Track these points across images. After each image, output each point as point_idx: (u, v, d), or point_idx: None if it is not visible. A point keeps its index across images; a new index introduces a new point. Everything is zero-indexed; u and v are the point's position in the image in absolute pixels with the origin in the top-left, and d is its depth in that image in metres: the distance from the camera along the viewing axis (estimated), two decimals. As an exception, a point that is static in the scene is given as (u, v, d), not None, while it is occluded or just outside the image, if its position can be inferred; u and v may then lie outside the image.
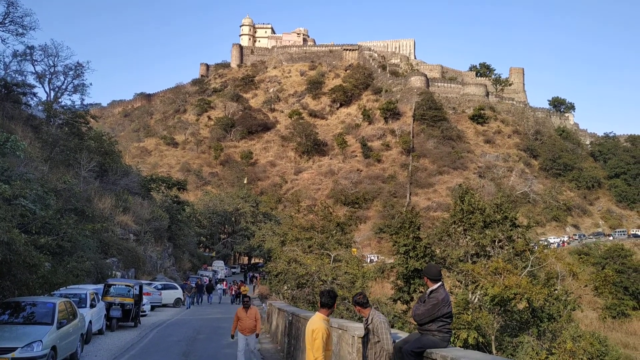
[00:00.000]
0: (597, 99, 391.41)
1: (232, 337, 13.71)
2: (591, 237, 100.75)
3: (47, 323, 12.29)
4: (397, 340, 6.67)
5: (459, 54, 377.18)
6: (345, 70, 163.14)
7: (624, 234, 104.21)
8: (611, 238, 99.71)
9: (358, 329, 8.02)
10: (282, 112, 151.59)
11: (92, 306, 18.01)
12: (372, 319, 6.81)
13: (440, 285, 6.65)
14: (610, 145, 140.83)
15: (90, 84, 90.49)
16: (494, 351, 18.08)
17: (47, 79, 45.41)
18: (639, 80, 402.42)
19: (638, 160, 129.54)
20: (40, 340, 11.56)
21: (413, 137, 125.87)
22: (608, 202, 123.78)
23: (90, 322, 16.97)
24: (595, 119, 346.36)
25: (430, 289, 6.70)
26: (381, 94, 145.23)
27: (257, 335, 13.74)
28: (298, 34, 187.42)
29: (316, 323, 6.65)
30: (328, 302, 6.85)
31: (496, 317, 17.52)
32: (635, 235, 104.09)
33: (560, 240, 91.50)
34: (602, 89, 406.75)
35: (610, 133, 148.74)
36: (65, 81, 46.02)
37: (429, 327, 6.45)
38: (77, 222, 25.96)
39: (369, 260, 68.30)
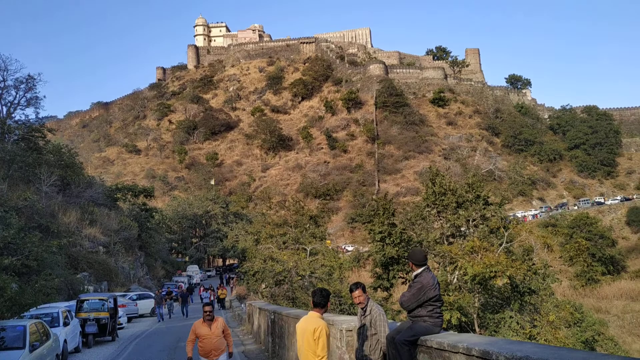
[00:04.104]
0: (552, 73, 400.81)
1: None
2: (557, 208, 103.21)
3: (18, 347, 11.71)
4: (389, 331, 6.47)
5: (415, 39, 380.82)
6: (304, 64, 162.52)
7: (587, 203, 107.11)
8: (576, 208, 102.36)
9: (346, 322, 7.80)
10: (244, 110, 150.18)
11: (65, 324, 17.35)
12: (370, 311, 6.60)
13: (425, 269, 6.47)
14: (567, 117, 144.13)
15: (44, 97, 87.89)
16: (477, 329, 18.19)
17: (-3, 95, 43.67)
18: (592, 52, 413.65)
19: (595, 130, 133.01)
20: (14, 366, 11.01)
21: (376, 124, 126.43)
22: (570, 173, 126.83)
23: (65, 341, 16.33)
24: (551, 93, 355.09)
25: (414, 273, 6.54)
26: (342, 85, 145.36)
27: (230, 355, 9.83)
28: (253, 30, 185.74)
29: (316, 321, 6.31)
30: (321, 301, 6.45)
31: (477, 295, 17.61)
32: (599, 203, 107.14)
33: (524, 214, 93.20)
34: (557, 63, 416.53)
35: (566, 106, 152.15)
36: (17, 95, 44.32)
37: (419, 312, 6.27)
38: (42, 239, 25.12)
39: (345, 251, 68.39)
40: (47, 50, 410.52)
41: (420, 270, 6.43)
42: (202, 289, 49.32)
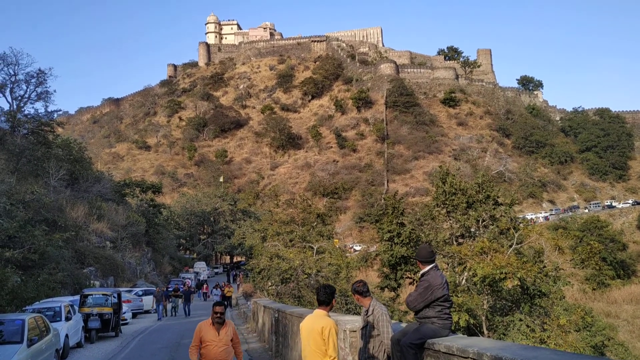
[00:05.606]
0: (564, 75, 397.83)
1: None
2: (567, 211, 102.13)
3: (16, 342, 11.50)
4: (394, 332, 6.12)
5: (427, 38, 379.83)
6: (315, 62, 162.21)
7: (598, 206, 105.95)
8: (587, 211, 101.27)
9: (350, 322, 7.48)
10: (254, 108, 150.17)
11: (67, 319, 17.16)
12: (372, 310, 6.22)
13: (433, 267, 6.09)
14: (579, 119, 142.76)
15: (55, 91, 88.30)
16: (485, 332, 17.81)
17: (8, 89, 43.61)
18: (605, 54, 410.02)
19: (607, 133, 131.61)
20: (11, 360, 10.79)
21: (386, 124, 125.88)
22: (581, 175, 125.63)
23: (67, 335, 16.15)
24: (563, 95, 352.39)
25: (422, 272, 6.17)
26: (352, 84, 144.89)
27: None
28: (264, 28, 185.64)
29: (324, 320, 5.94)
30: (325, 299, 6.08)
31: (486, 297, 17.23)
32: (610, 206, 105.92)
33: (535, 216, 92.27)
34: (569, 64, 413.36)
35: (579, 108, 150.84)
36: (28, 89, 44.24)
37: (426, 313, 5.92)
38: (48, 233, 25.00)
39: (353, 250, 68.04)
40: (59, 46, 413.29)
41: (427, 268, 6.07)
42: (205, 286, 48.83)
